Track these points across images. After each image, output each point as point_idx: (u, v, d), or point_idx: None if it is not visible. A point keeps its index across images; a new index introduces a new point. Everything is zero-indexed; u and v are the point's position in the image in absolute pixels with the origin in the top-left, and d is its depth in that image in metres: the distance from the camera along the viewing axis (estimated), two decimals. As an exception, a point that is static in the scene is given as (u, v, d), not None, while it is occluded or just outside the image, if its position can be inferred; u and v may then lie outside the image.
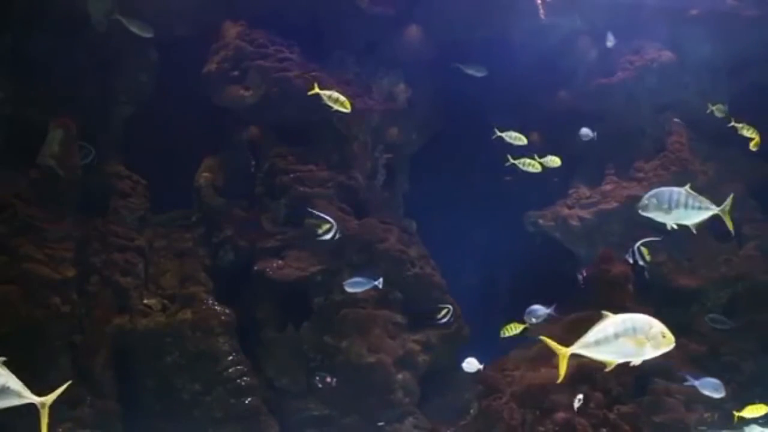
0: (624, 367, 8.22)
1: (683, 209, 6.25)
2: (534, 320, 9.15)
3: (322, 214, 9.12)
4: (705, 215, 6.34)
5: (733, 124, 9.51)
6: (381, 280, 8.80)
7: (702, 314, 10.17)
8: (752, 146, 9.55)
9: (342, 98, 8.49)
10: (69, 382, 5.99)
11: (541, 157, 9.67)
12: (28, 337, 8.13)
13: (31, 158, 8.77)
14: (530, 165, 9.56)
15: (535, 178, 9.96)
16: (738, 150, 10.62)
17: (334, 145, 10.30)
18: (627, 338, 4.98)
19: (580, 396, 7.43)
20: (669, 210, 6.22)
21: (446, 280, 10.25)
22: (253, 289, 9.78)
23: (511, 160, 9.58)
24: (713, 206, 6.36)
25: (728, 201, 6.56)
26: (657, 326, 4.99)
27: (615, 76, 10.73)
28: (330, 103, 8.50)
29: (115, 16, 9.41)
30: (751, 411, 7.77)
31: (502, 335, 9.01)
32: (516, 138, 9.60)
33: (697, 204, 6.31)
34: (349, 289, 8.92)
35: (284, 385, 9.50)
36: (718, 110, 9.94)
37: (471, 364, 8.47)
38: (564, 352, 5.06)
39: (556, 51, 10.83)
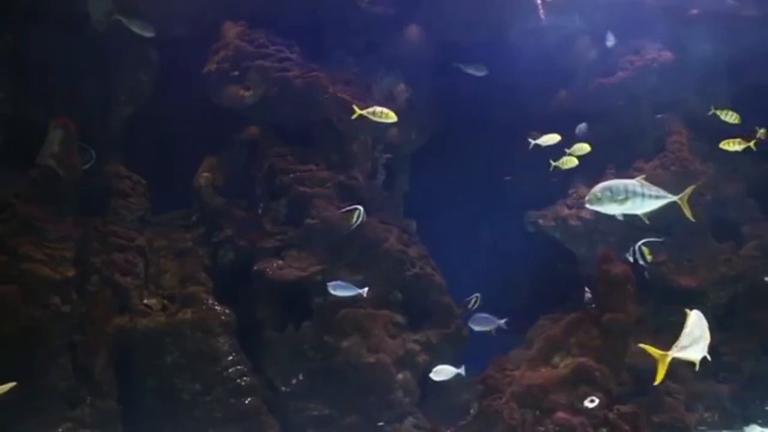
0: (624, 367, 8.25)
1: (639, 199, 6.25)
2: (476, 328, 9.21)
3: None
4: (662, 203, 6.38)
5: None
6: (366, 289, 8.73)
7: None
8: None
9: (384, 110, 8.62)
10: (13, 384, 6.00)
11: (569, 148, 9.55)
12: (28, 337, 8.13)
13: (31, 158, 8.77)
14: (569, 162, 9.46)
15: (535, 178, 9.96)
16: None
17: (334, 145, 10.30)
18: (704, 336, 5.81)
19: (593, 397, 7.43)
20: (624, 201, 6.18)
21: (446, 280, 10.26)
22: (253, 289, 9.78)
23: (554, 164, 9.47)
24: (670, 195, 6.41)
25: (687, 191, 6.66)
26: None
27: (615, 76, 10.72)
28: (377, 119, 8.64)
29: (116, 16, 9.41)
30: None
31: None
32: (549, 138, 9.51)
33: (653, 193, 6.32)
34: (332, 291, 8.89)
35: (284, 385, 9.51)
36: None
37: (442, 372, 8.36)
38: (663, 355, 5.39)
39: (556, 51, 10.82)
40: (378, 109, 8.63)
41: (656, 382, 5.64)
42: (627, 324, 7.72)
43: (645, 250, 8.75)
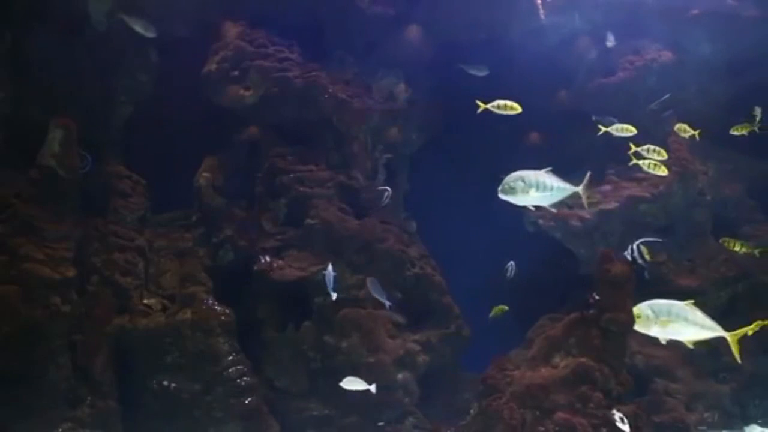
0: (624, 367, 8.24)
1: (548, 191, 6.37)
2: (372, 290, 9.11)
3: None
4: (566, 194, 6.51)
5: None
6: (335, 295, 8.62)
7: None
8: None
9: (508, 103, 8.63)
10: None
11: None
12: (28, 337, 8.13)
13: (31, 158, 8.77)
14: (656, 152, 9.15)
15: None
16: (738, 150, 10.64)
17: (334, 145, 10.31)
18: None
19: (621, 415, 7.42)
20: (535, 191, 6.30)
21: (446, 280, 10.26)
22: (253, 289, 9.78)
23: (638, 162, 9.18)
24: (571, 186, 6.54)
25: (586, 178, 6.80)
26: None
27: (615, 76, 10.74)
28: (501, 112, 8.64)
29: (119, 16, 9.40)
30: None
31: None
32: (623, 129, 9.24)
33: (559, 185, 6.45)
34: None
35: (284, 385, 9.51)
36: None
37: (352, 383, 8.33)
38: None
39: (556, 51, 10.83)
40: (501, 102, 8.63)
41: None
42: (627, 324, 7.70)
43: (644, 249, 8.74)
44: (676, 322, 6.02)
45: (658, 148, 9.15)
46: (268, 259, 9.60)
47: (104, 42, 9.66)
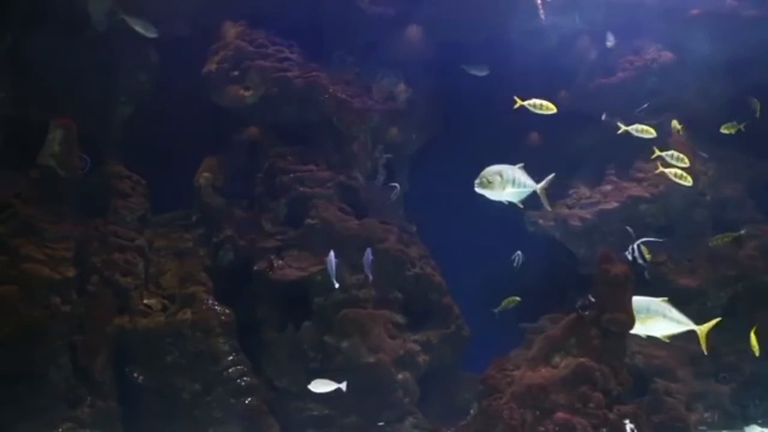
0: (624, 366, 8.24)
1: (519, 187, 6.45)
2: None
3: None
4: (530, 191, 6.61)
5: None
6: (337, 285, 8.64)
7: (702, 314, 10.17)
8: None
9: (544, 102, 8.66)
10: None
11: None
12: (28, 337, 8.12)
13: (31, 158, 8.77)
14: (680, 159, 9.14)
15: (535, 178, 9.90)
16: (738, 150, 10.64)
17: (334, 145, 10.30)
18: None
19: (632, 426, 7.42)
20: (511, 186, 6.35)
21: (446, 280, 10.25)
22: (253, 289, 9.78)
23: (663, 171, 9.24)
24: (534, 183, 6.64)
25: (549, 178, 6.86)
26: None
27: (615, 76, 10.73)
28: (537, 111, 8.66)
29: (120, 16, 9.40)
30: None
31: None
32: (643, 131, 9.27)
33: (528, 182, 6.55)
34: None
35: (284, 385, 9.51)
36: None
37: (321, 385, 8.34)
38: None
39: (556, 51, 10.82)
40: (537, 101, 8.64)
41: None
42: (627, 324, 7.71)
43: (644, 249, 8.74)
44: (655, 319, 6.13)
45: (681, 155, 9.16)
46: (274, 258, 9.61)
47: (104, 42, 9.65)
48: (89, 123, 9.35)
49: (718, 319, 6.75)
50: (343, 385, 8.24)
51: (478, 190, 6.29)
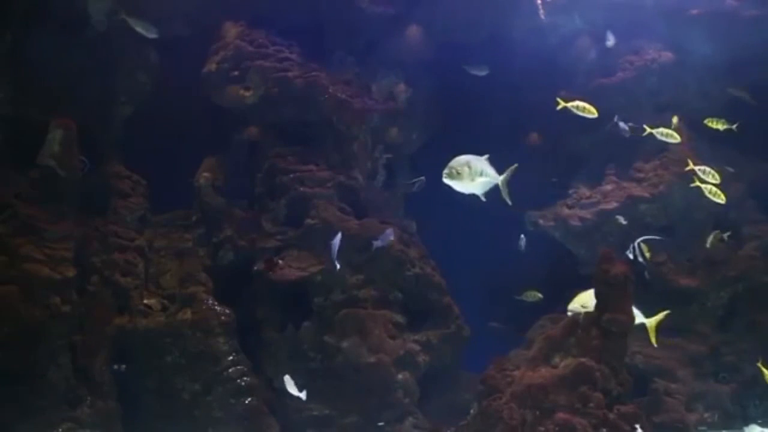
0: (624, 367, 8.25)
1: (489, 178, 6.27)
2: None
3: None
4: (491, 184, 6.42)
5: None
6: (339, 266, 8.67)
7: (702, 314, 10.18)
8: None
9: (587, 105, 8.74)
10: None
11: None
12: (28, 337, 8.12)
13: (31, 158, 8.77)
14: (712, 175, 9.18)
15: (535, 178, 9.93)
16: (738, 150, 10.63)
17: (334, 145, 10.30)
18: None
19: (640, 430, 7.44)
20: (479, 177, 6.13)
21: (446, 280, 10.25)
22: (253, 289, 9.78)
23: (700, 185, 9.18)
24: (495, 175, 6.44)
25: (511, 169, 6.64)
26: None
27: (615, 76, 10.73)
28: (579, 113, 8.72)
29: (121, 16, 9.40)
30: None
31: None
32: (668, 135, 9.35)
33: (493, 173, 6.36)
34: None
35: (284, 385, 9.50)
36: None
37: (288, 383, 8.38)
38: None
39: (556, 51, 10.82)
40: (581, 104, 8.66)
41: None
42: (627, 324, 7.71)
43: (644, 247, 8.74)
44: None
45: (712, 171, 9.18)
46: (275, 258, 9.62)
47: (104, 42, 9.66)
48: (89, 123, 9.35)
49: (666, 312, 6.75)
50: (303, 395, 8.35)
51: (446, 181, 6.05)
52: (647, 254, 8.75)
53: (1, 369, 8.00)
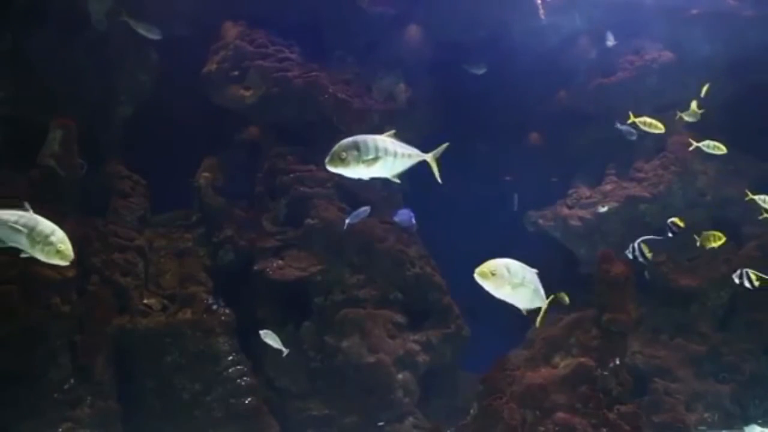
0: (624, 366, 8.26)
1: (392, 158, 5.52)
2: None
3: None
4: (413, 161, 5.76)
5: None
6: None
7: (702, 314, 10.18)
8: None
9: (653, 121, 8.80)
10: None
11: None
12: (28, 337, 8.12)
13: (31, 158, 8.77)
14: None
15: (535, 178, 9.94)
16: (738, 150, 10.62)
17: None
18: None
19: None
20: (374, 161, 5.35)
21: (446, 280, 10.25)
22: (253, 289, 9.78)
23: (754, 199, 9.14)
24: (420, 153, 5.81)
25: (441, 148, 6.05)
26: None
27: (615, 76, 10.73)
28: (646, 129, 8.79)
29: (123, 17, 9.40)
30: None
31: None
32: (715, 147, 9.29)
33: (405, 151, 5.66)
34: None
35: (284, 385, 9.51)
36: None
37: (268, 336, 8.46)
38: None
39: (556, 51, 10.82)
40: (648, 120, 8.74)
41: None
42: (627, 324, 7.72)
43: (644, 247, 8.74)
44: (527, 288, 5.73)
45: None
46: (279, 262, 9.61)
47: (104, 42, 9.66)
48: (89, 123, 9.34)
49: (552, 297, 6.36)
50: (284, 350, 8.49)
51: (330, 168, 5.16)
52: (647, 254, 8.75)
53: (1, 369, 8.00)
